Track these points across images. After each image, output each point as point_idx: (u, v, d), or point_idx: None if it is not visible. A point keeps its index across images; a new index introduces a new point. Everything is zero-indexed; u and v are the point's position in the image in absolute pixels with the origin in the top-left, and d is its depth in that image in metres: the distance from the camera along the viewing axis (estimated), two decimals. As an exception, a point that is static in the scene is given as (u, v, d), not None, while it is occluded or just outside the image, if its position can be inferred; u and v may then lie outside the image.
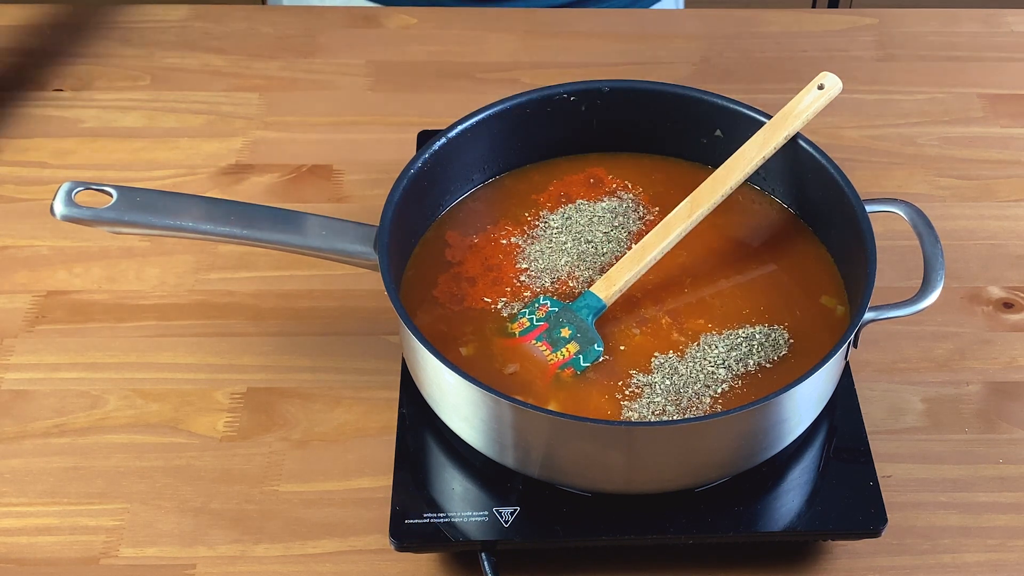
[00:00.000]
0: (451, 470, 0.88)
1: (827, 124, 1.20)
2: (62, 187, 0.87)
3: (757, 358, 0.88)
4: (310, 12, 1.34)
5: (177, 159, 1.16)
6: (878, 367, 0.99)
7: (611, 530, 0.83)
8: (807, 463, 0.88)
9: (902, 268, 1.06)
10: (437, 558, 0.87)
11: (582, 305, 0.90)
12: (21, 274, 1.05)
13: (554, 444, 0.82)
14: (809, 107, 0.94)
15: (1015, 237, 1.11)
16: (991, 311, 1.04)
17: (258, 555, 0.87)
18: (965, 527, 0.90)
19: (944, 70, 1.28)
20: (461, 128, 0.95)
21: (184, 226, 0.87)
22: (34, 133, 1.19)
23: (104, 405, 0.96)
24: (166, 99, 1.23)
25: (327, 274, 1.05)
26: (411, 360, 0.88)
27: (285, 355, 1.00)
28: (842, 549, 0.88)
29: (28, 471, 0.92)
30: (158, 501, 0.90)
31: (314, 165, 1.16)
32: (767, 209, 0.99)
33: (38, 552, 0.88)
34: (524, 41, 1.30)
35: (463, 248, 0.96)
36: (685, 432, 0.80)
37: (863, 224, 0.88)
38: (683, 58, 1.29)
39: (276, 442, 0.94)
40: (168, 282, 1.05)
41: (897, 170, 1.17)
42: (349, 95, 1.24)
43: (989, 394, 0.98)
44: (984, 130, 1.21)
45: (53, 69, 1.26)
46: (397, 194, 0.90)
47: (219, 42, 1.30)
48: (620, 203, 0.99)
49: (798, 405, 0.83)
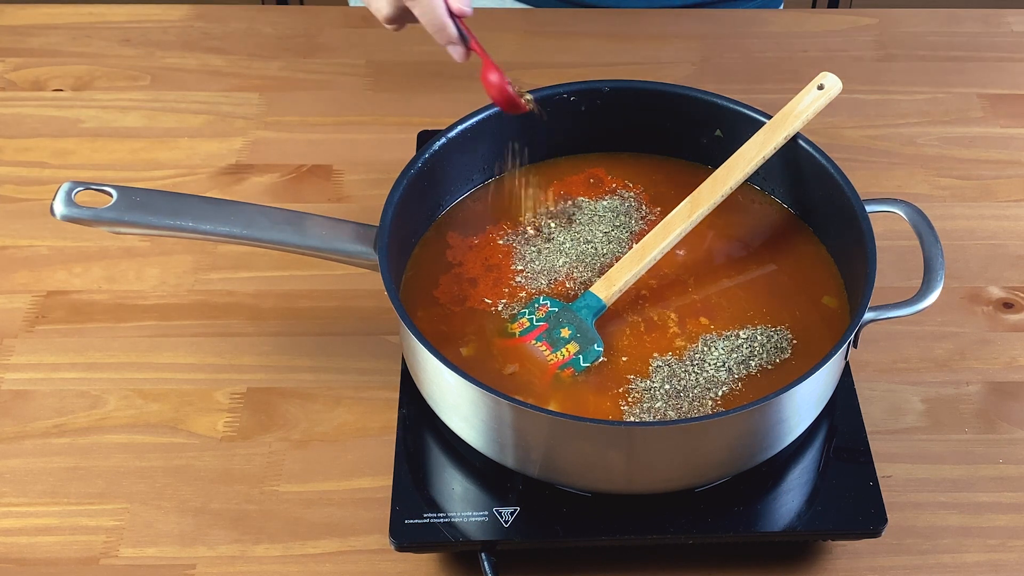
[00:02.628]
0: (451, 470, 0.88)
1: (827, 124, 1.20)
2: (62, 187, 0.87)
3: (759, 360, 0.88)
4: (310, 12, 1.34)
5: (177, 159, 1.16)
6: (878, 367, 0.99)
7: (611, 530, 0.83)
8: (807, 463, 0.88)
9: (902, 268, 1.06)
10: (437, 558, 0.87)
11: (582, 305, 0.90)
12: (21, 274, 1.05)
13: (554, 444, 0.82)
14: (809, 107, 0.94)
15: (1015, 237, 1.11)
16: (991, 311, 1.04)
17: (258, 555, 0.87)
18: (965, 527, 0.90)
19: (944, 70, 1.28)
20: (461, 128, 0.95)
21: (184, 226, 0.87)
22: (34, 133, 1.19)
23: (104, 405, 0.96)
24: (166, 99, 1.23)
25: (327, 274, 1.05)
26: (411, 360, 0.88)
27: (285, 355, 1.00)
28: (842, 549, 0.88)
29: (28, 471, 0.92)
30: (158, 501, 0.90)
31: (314, 165, 1.16)
32: (767, 209, 0.99)
33: (38, 552, 0.88)
34: (524, 41, 1.30)
35: (463, 249, 0.96)
36: (685, 432, 0.80)
37: (863, 224, 0.88)
38: (683, 58, 1.29)
39: (276, 442, 0.94)
40: (168, 282, 1.05)
41: (897, 170, 1.17)
42: (349, 95, 1.24)
43: (989, 394, 0.98)
44: (984, 130, 1.21)
45: (53, 69, 1.26)
46: (397, 194, 0.90)
47: (219, 42, 1.30)
48: (623, 202, 0.99)
49: (798, 405, 0.83)
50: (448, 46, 0.92)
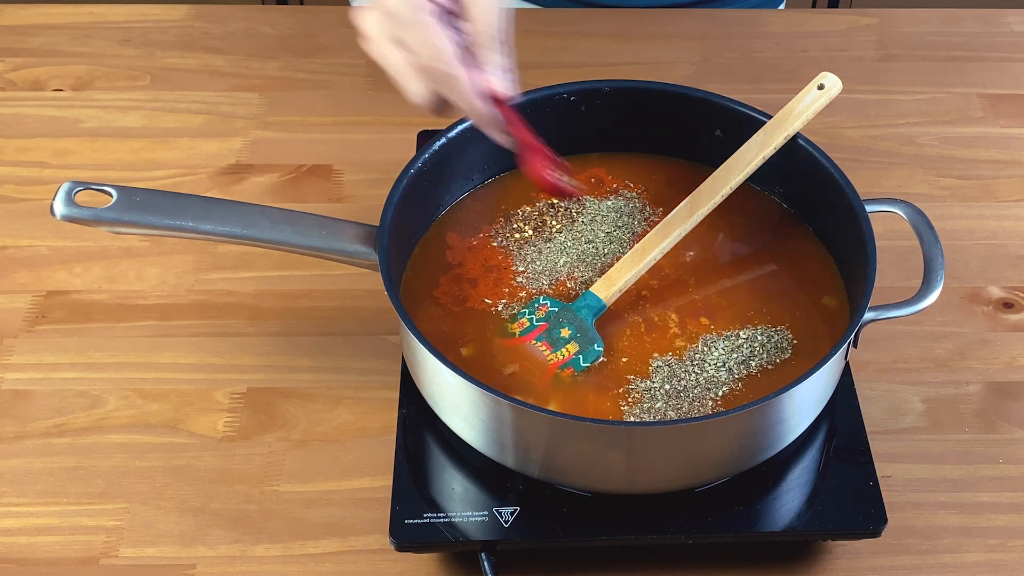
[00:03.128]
0: (451, 470, 0.88)
1: (827, 124, 1.20)
2: (62, 187, 0.87)
3: (759, 360, 0.88)
4: (310, 12, 1.34)
5: (177, 159, 1.16)
6: (878, 367, 0.99)
7: (611, 530, 0.83)
8: (807, 463, 0.88)
9: (902, 268, 1.06)
10: (437, 558, 0.87)
11: (582, 305, 0.90)
12: (21, 274, 1.05)
13: (554, 444, 0.82)
14: (809, 107, 0.94)
15: (1015, 237, 1.11)
16: (991, 311, 1.04)
17: (258, 555, 0.87)
18: (965, 527, 0.90)
19: (944, 70, 1.28)
20: (461, 128, 0.95)
21: (184, 226, 0.87)
22: (34, 133, 1.19)
23: (104, 405, 0.96)
24: (166, 99, 1.23)
25: (327, 274, 1.05)
26: (411, 360, 0.88)
27: (285, 355, 1.00)
28: (842, 549, 0.88)
29: (28, 471, 0.92)
30: (158, 501, 0.90)
31: (314, 165, 1.16)
32: (767, 209, 0.99)
33: (38, 552, 0.88)
34: (525, 41, 1.30)
35: (463, 249, 0.96)
36: (685, 432, 0.80)
37: (863, 224, 0.88)
38: (683, 58, 1.29)
39: (276, 442, 0.94)
40: (168, 282, 1.05)
41: (897, 170, 1.17)
42: (349, 95, 1.24)
43: (989, 394, 0.98)
44: (984, 130, 1.21)
45: (53, 69, 1.26)
46: (397, 194, 0.90)
47: (219, 42, 1.30)
48: (627, 203, 0.99)
49: (798, 405, 0.83)
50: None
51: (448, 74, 0.82)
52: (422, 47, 0.82)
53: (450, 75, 0.82)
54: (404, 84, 0.84)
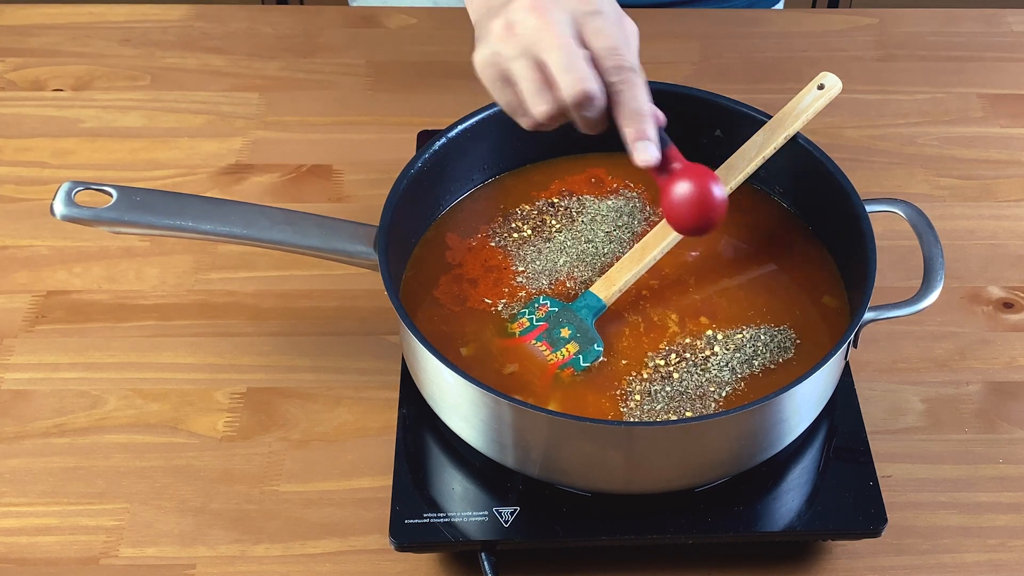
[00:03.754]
0: (451, 470, 0.88)
1: (827, 124, 1.20)
2: (62, 187, 0.87)
3: (762, 360, 0.88)
4: (310, 12, 1.34)
5: (177, 159, 1.16)
6: (878, 367, 0.99)
7: (611, 530, 0.83)
8: (807, 463, 0.88)
9: (902, 268, 1.06)
10: (437, 558, 0.87)
11: (582, 305, 0.90)
12: (21, 274, 1.05)
13: (554, 444, 0.82)
14: (809, 107, 0.94)
15: (1015, 237, 1.11)
16: (991, 311, 1.04)
17: (258, 555, 0.87)
18: (965, 527, 0.90)
19: (944, 70, 1.28)
20: (461, 128, 0.95)
21: (184, 226, 0.87)
22: (34, 133, 1.19)
23: (104, 405, 0.96)
24: (166, 99, 1.23)
25: (327, 274, 1.05)
26: (411, 360, 0.88)
27: (285, 355, 1.00)
28: (842, 549, 0.88)
29: (28, 471, 0.92)
30: (158, 501, 0.90)
31: (314, 165, 1.16)
32: (767, 209, 0.99)
33: (38, 552, 0.87)
34: (524, 41, 1.30)
35: (463, 249, 0.96)
36: (685, 432, 0.80)
37: (863, 224, 0.88)
38: (683, 58, 1.29)
39: (276, 442, 0.94)
40: (168, 282, 1.05)
41: (897, 170, 1.17)
42: (349, 95, 1.24)
43: (989, 394, 0.98)
44: (984, 130, 1.21)
45: (53, 69, 1.26)
46: (397, 194, 0.90)
47: (219, 42, 1.30)
48: (627, 202, 0.99)
49: (798, 405, 0.83)
50: (636, 144, 0.81)
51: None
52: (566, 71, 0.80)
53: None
54: (528, 99, 0.81)
